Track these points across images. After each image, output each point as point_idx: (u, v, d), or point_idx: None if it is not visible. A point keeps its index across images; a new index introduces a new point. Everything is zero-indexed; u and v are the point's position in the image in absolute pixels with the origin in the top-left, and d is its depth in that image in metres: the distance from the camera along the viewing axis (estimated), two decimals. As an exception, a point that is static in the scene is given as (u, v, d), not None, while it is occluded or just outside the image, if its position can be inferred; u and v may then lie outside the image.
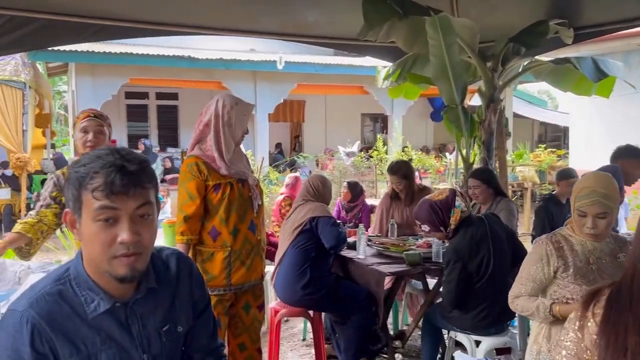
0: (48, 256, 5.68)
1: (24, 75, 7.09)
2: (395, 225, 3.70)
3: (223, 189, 2.35)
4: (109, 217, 1.09)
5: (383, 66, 5.66)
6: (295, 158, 10.84)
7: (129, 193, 1.08)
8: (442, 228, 2.67)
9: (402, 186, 3.81)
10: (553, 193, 4.22)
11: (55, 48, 7.60)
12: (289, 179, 5.32)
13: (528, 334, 3.11)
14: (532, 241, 3.66)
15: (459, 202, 2.67)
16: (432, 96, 12.19)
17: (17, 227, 2.44)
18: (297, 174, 6.24)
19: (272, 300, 3.70)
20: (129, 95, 11.87)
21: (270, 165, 9.97)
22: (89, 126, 2.42)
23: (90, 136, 2.40)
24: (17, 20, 3.69)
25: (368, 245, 3.40)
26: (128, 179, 1.08)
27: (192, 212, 2.31)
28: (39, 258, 5.99)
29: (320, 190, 3.32)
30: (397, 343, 3.62)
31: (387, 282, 3.23)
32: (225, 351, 2.03)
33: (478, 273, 2.61)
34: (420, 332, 3.41)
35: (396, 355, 3.49)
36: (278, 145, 13.48)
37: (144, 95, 12.46)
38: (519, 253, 2.74)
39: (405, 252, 3.07)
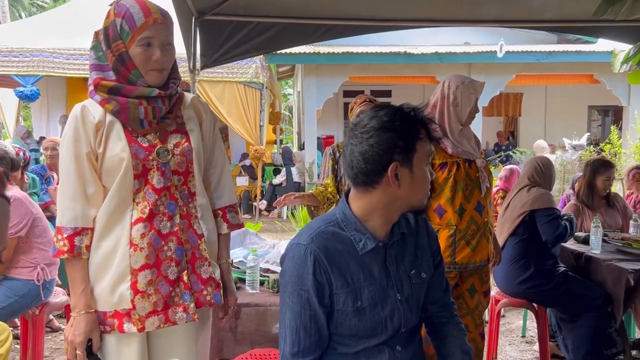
0: (281, 236, 6.39)
1: (262, 77, 8.08)
2: (639, 222, 3.29)
3: (449, 168, 2.37)
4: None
5: (621, 50, 5.05)
6: (511, 153, 10.29)
7: None
8: None
9: (611, 184, 3.52)
10: None
11: (287, 52, 8.47)
12: (504, 172, 5.10)
13: None
14: None
15: None
16: (682, 83, 10.38)
17: (312, 190, 2.94)
18: (513, 166, 5.94)
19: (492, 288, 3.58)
20: (346, 94, 12.60)
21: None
22: (365, 110, 2.78)
23: None
24: (262, 26, 4.22)
25: (604, 241, 3.10)
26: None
27: None
28: (275, 236, 6.78)
29: (546, 171, 3.13)
30: (636, 353, 3.23)
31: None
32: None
33: None
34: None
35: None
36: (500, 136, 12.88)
37: (360, 94, 13.11)
38: None
39: (652, 249, 2.72)
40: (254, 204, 9.05)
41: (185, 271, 1.57)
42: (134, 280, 1.50)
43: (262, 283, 2.34)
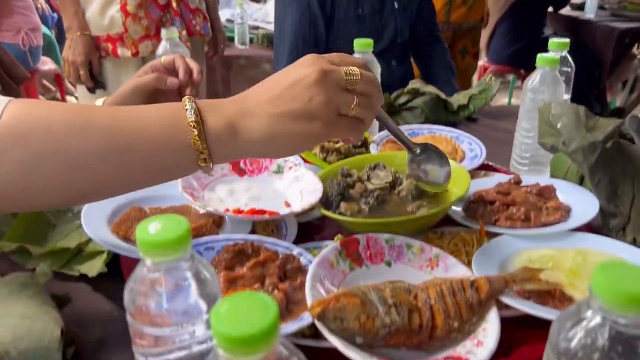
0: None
1: None
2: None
3: None
4: None
5: None
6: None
7: None
8: None
9: None
10: None
11: None
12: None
13: None
14: None
15: None
16: None
17: None
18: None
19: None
20: None
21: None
22: None
23: None
24: None
25: (601, 7, 3.03)
26: None
27: None
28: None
29: None
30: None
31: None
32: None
33: None
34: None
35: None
36: None
37: None
38: None
39: (647, 8, 2.67)
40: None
41: None
42: (124, 3, 1.50)
43: (251, 41, 2.32)
